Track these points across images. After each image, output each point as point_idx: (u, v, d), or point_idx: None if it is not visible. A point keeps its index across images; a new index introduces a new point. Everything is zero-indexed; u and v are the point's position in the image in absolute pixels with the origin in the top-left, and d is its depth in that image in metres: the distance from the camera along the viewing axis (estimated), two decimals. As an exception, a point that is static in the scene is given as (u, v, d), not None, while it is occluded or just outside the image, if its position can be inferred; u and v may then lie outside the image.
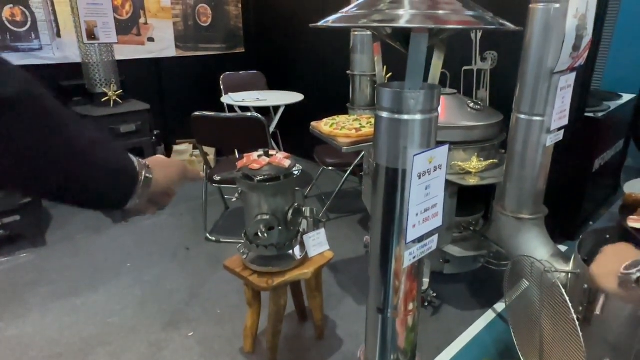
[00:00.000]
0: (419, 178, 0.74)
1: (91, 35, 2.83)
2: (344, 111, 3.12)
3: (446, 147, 0.77)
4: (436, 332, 2.03)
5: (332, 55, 3.71)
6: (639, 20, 2.97)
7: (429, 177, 0.76)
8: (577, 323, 1.16)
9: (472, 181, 1.92)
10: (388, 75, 2.70)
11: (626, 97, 3.04)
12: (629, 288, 0.80)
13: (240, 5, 4.47)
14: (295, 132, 3.51)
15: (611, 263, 0.85)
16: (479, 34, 2.34)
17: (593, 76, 2.46)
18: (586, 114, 2.51)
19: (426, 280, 2.16)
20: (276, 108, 3.53)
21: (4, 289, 2.35)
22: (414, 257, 0.82)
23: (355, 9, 0.68)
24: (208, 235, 2.87)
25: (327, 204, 3.25)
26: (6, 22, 3.15)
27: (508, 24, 0.68)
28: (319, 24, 0.73)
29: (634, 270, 0.79)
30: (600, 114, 2.59)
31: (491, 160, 1.97)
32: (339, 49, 3.45)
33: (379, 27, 0.70)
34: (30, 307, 2.21)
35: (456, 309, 2.19)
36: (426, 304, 2.18)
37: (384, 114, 0.75)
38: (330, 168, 3.05)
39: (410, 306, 0.88)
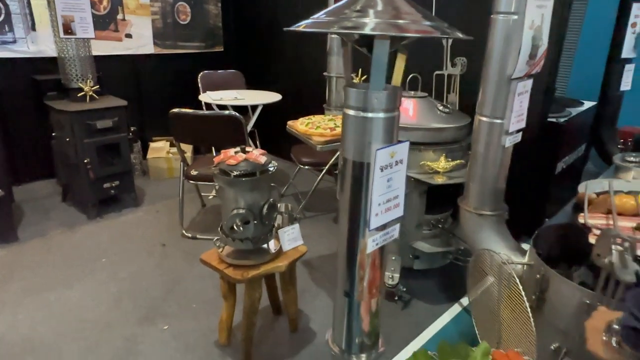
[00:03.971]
0: (382, 171, 0.81)
1: (68, 30, 2.81)
2: (320, 111, 3.20)
3: (406, 143, 0.85)
4: (405, 325, 2.11)
5: (310, 56, 3.79)
6: (602, 30, 3.15)
7: (391, 170, 0.83)
8: (529, 311, 1.26)
9: (440, 180, 2.02)
10: (363, 78, 2.79)
11: (587, 104, 3.22)
12: (611, 349, 0.87)
13: (219, 5, 4.49)
14: (272, 131, 3.56)
15: (601, 321, 0.90)
16: (450, 41, 2.46)
17: (558, 84, 2.61)
18: (549, 119, 2.65)
19: (396, 276, 2.24)
20: (254, 107, 3.57)
21: (-27, 284, 2.32)
22: (377, 244, 0.89)
23: (324, 15, 0.75)
24: (184, 231, 2.89)
25: (303, 203, 3.31)
26: (-22, 14, 3.10)
27: (460, 33, 0.76)
28: (292, 27, 0.80)
29: (612, 336, 0.86)
30: (562, 120, 2.74)
31: (458, 161, 2.08)
32: (316, 51, 3.53)
33: (347, 33, 0.77)
34: (3, 303, 2.19)
35: (425, 303, 2.29)
36: (396, 298, 2.27)
37: (351, 112, 0.82)
38: (307, 167, 3.11)
39: (374, 291, 0.95)
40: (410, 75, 2.35)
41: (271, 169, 1.66)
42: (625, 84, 2.76)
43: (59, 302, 2.21)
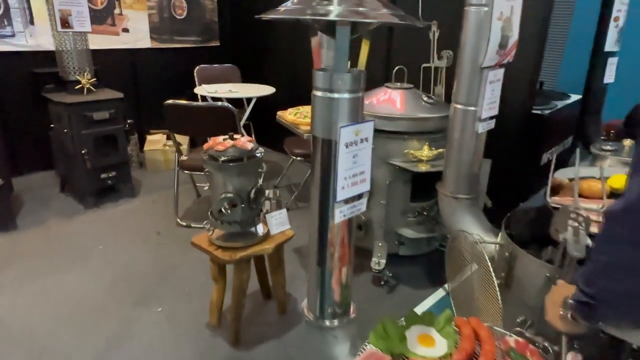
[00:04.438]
0: (347, 147, 0.88)
1: (65, 24, 2.88)
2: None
3: (371, 122, 0.92)
4: (391, 309, 2.19)
5: (303, 51, 3.84)
6: (590, 24, 3.21)
7: (356, 147, 0.90)
8: (497, 286, 1.34)
9: (423, 168, 2.09)
10: (353, 70, 2.86)
11: (574, 97, 3.29)
12: (566, 321, 0.94)
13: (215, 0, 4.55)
14: (267, 124, 3.62)
15: (559, 295, 0.97)
16: (436, 35, 2.52)
17: (547, 77, 2.66)
18: (533, 111, 2.72)
19: (383, 261, 2.33)
20: (249, 100, 3.64)
21: (-26, 269, 2.40)
22: (344, 215, 0.96)
23: (289, 4, 0.82)
24: (179, 220, 2.97)
25: (295, 193, 3.39)
26: (-22, 8, 3.16)
27: (418, 22, 0.83)
28: (264, 15, 0.87)
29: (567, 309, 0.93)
30: (547, 112, 2.81)
31: (442, 149, 2.15)
32: (309, 45, 3.59)
33: (312, 19, 0.84)
34: (1, 287, 2.27)
35: (410, 288, 2.37)
36: (382, 283, 2.34)
37: (319, 93, 0.89)
38: (299, 159, 3.18)
39: (344, 261, 1.03)
40: (397, 68, 2.42)
41: (258, 155, 1.73)
42: (609, 77, 2.82)
43: (56, 287, 2.29)
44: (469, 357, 1.00)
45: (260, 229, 1.86)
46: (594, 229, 1.12)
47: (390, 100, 2.26)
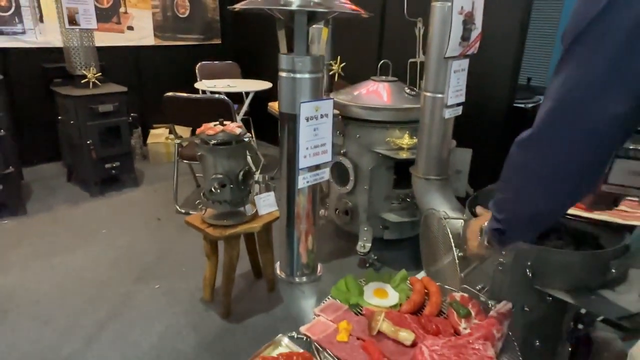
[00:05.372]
0: (307, 121, 1.02)
1: (72, 21, 3.05)
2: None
3: (331, 100, 1.06)
4: (373, 288, 2.33)
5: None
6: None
7: (316, 122, 1.04)
8: (456, 256, 1.47)
9: (404, 155, 2.23)
10: (342, 65, 3.00)
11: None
12: (483, 247, 1.02)
13: (217, -1, 4.72)
14: (266, 119, 3.77)
15: (477, 225, 1.04)
16: (422, 31, 2.66)
17: (536, 73, 2.75)
18: (516, 104, 2.84)
19: (368, 245, 2.46)
20: (248, 95, 3.79)
21: (-13, 249, 2.58)
22: (307, 182, 1.10)
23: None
24: (178, 207, 3.13)
25: (290, 184, 3.53)
26: (-9, 7, 3.35)
27: (364, 12, 0.98)
28: (237, 6, 1.02)
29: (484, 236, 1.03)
30: (529, 105, 2.94)
31: (421, 138, 2.28)
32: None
33: (275, 10, 0.99)
34: (12, 264, 2.44)
35: (395, 270, 2.47)
36: (367, 265, 2.48)
37: (283, 74, 1.04)
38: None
39: (309, 224, 1.17)
40: (382, 62, 2.55)
41: (245, 139, 1.88)
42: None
43: (62, 265, 2.46)
44: (417, 308, 1.14)
45: (249, 209, 2.01)
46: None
47: (375, 92, 2.40)
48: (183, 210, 3.11)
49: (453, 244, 1.48)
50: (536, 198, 0.81)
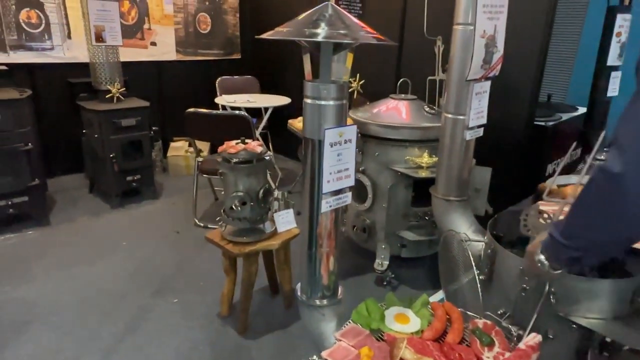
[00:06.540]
0: (331, 147, 1.04)
1: (99, 38, 3.15)
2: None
3: (354, 126, 1.08)
4: (390, 307, 2.31)
5: (318, 64, 4.04)
6: (599, 38, 3.29)
7: (340, 147, 1.06)
8: (477, 279, 1.46)
9: (423, 174, 2.22)
10: (361, 82, 3.02)
11: (581, 110, 3.36)
12: (536, 267, 1.05)
13: (237, 15, 4.82)
14: (284, 134, 3.81)
15: (534, 247, 1.07)
16: (441, 50, 2.67)
17: (556, 90, 2.73)
18: (536, 122, 2.81)
19: (386, 262, 2.45)
20: (267, 110, 3.84)
21: (11, 259, 2.64)
22: (330, 206, 1.11)
23: (287, 28, 0.99)
24: (197, 221, 3.17)
25: (307, 198, 3.54)
26: (22, 24, 3.49)
27: (389, 41, 0.99)
28: (263, 36, 1.04)
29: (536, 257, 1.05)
30: (550, 123, 2.90)
31: (441, 157, 2.27)
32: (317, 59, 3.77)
33: (302, 40, 1.01)
34: (35, 275, 2.50)
35: (412, 289, 2.48)
36: (385, 283, 2.47)
37: (308, 101, 1.06)
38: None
39: (331, 247, 1.18)
40: (401, 80, 2.57)
41: (267, 158, 1.90)
42: (612, 90, 2.90)
43: (82, 276, 2.50)
44: (439, 334, 1.13)
45: (268, 226, 2.03)
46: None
47: (394, 109, 2.41)
48: (202, 224, 3.15)
49: (474, 267, 1.47)
50: (622, 229, 0.81)
